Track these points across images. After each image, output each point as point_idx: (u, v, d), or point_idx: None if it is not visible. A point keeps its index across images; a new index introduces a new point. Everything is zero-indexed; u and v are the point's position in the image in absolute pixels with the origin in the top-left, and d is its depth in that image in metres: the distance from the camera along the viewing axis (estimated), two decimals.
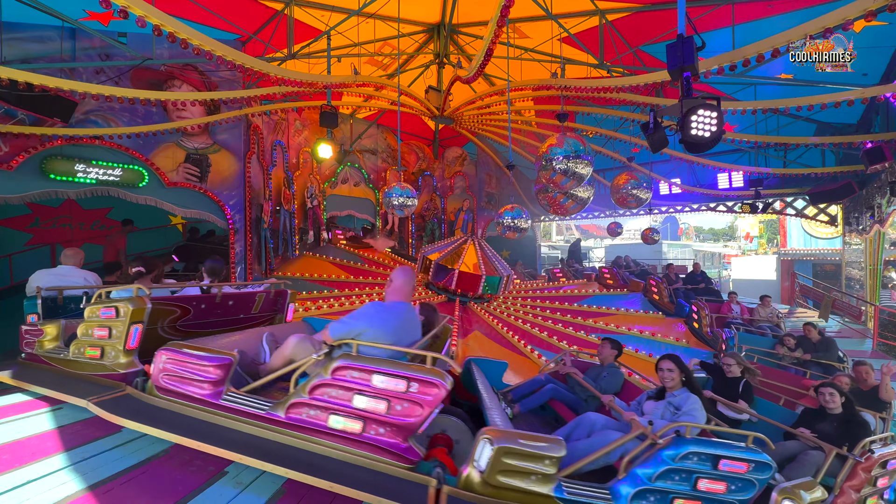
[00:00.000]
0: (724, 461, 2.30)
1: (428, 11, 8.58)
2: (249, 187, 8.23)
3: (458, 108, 9.95)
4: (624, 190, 8.99)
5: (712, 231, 41.65)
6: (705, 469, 2.30)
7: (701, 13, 6.39)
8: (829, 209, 12.02)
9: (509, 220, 7.99)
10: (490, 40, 5.49)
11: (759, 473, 2.32)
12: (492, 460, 2.15)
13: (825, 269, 19.95)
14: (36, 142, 6.25)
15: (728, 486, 2.29)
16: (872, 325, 9.83)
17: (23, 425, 2.86)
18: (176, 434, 2.45)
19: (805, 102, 6.07)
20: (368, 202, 12.29)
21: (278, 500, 2.32)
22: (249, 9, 7.07)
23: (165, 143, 7.37)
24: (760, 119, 9.54)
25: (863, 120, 9.42)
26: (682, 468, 2.31)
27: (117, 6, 3.83)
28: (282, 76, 6.12)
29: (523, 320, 8.46)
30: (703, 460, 2.30)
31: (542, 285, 11.94)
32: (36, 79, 4.97)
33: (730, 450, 2.32)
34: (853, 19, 3.80)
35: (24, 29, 6.03)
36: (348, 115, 11.31)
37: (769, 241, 26.65)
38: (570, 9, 7.09)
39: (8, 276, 7.97)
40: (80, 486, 2.24)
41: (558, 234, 37.33)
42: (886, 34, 6.50)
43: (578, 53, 8.10)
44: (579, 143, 6.47)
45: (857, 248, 11.39)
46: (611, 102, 7.84)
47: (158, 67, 7.06)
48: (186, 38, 4.56)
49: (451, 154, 14.43)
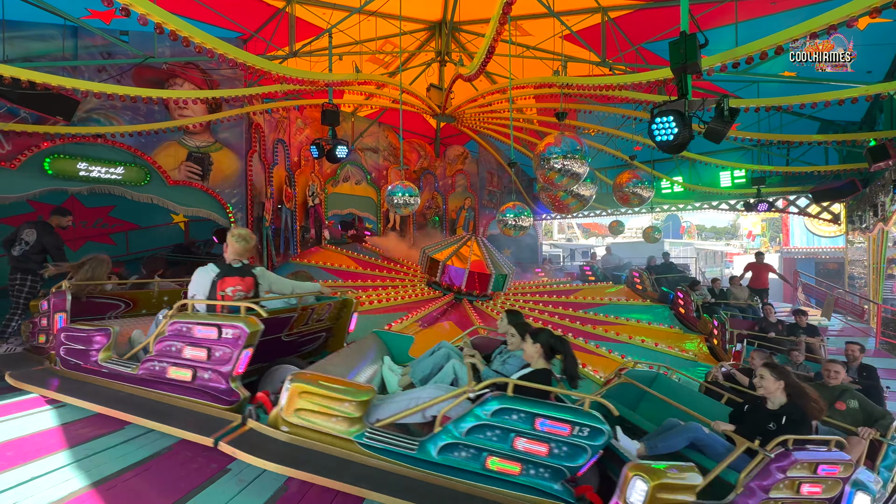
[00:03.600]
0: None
1: (429, 9, 8.55)
2: (251, 185, 8.23)
3: (459, 107, 9.93)
4: (626, 188, 8.96)
5: (714, 229, 41.54)
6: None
7: (704, 10, 6.36)
8: (832, 207, 11.95)
9: (511, 218, 7.98)
10: (492, 38, 5.47)
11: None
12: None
13: (828, 267, 19.88)
14: (38, 140, 6.25)
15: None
16: (875, 324, 9.80)
17: (26, 422, 2.87)
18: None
19: (808, 100, 6.05)
20: (370, 200, 12.29)
21: (280, 498, 2.33)
22: (251, 7, 7.07)
23: (167, 142, 7.37)
24: (763, 117, 9.49)
25: (866, 118, 9.37)
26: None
27: (119, 4, 3.83)
28: (283, 74, 6.11)
29: (535, 318, 8.47)
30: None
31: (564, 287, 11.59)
32: (38, 77, 4.97)
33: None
34: (857, 16, 3.77)
35: (26, 27, 6.03)
36: (350, 114, 11.30)
37: (772, 239, 26.58)
38: (572, 6, 7.06)
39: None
40: (84, 482, 2.25)
41: (560, 233, 37.26)
42: (890, 31, 6.46)
43: (580, 51, 8.07)
44: (576, 142, 6.47)
45: (861, 246, 11.31)
46: (613, 100, 7.80)
47: (160, 66, 7.06)
48: (188, 36, 4.56)
49: (452, 152, 14.41)
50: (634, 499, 2.13)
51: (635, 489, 2.14)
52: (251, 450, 2.40)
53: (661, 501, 2.13)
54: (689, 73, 3.90)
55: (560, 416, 2.30)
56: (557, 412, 2.31)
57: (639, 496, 2.12)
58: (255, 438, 2.52)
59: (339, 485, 2.25)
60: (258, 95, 7.34)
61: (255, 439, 2.51)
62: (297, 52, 6.98)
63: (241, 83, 7.78)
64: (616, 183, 9.22)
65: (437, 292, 9.03)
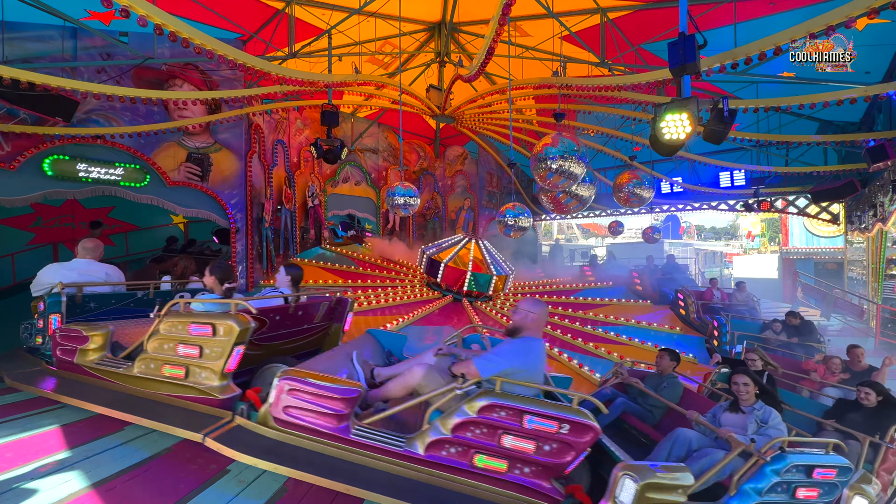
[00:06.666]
0: (818, 470, 2.46)
1: (429, 10, 8.56)
2: (251, 186, 8.23)
3: (459, 107, 9.94)
4: (626, 189, 8.97)
5: (714, 230, 41.54)
6: (802, 479, 2.43)
7: (703, 11, 6.37)
8: (831, 207, 11.97)
9: (510, 218, 7.98)
10: (491, 39, 5.48)
11: (842, 476, 2.48)
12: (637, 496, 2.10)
13: (827, 267, 19.86)
14: (38, 141, 6.25)
15: (819, 492, 2.45)
16: (874, 324, 9.81)
17: (25, 424, 2.87)
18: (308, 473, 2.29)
19: (807, 100, 6.05)
20: (369, 201, 12.30)
21: (280, 499, 2.33)
22: (250, 8, 7.07)
23: (167, 143, 7.37)
24: (762, 117, 9.51)
25: (865, 118, 9.39)
26: (785, 481, 2.42)
27: (119, 6, 3.83)
28: (283, 75, 6.12)
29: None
30: (800, 471, 2.44)
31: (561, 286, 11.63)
32: (38, 78, 4.98)
33: (822, 458, 2.48)
34: (856, 17, 3.78)
35: (25, 28, 6.03)
36: (349, 114, 11.31)
37: (771, 239, 26.59)
38: (571, 7, 7.08)
39: (10, 276, 7.99)
40: (83, 483, 2.24)
41: (559, 233, 37.26)
42: (889, 32, 6.48)
43: (580, 52, 8.08)
44: (573, 143, 6.47)
45: (860, 246, 11.31)
46: (612, 101, 7.82)
47: (159, 67, 7.06)
48: (188, 37, 4.56)
49: (452, 153, 14.42)
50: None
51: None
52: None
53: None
54: (688, 73, 3.90)
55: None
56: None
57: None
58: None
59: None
60: (258, 96, 7.34)
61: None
62: (297, 52, 6.99)
63: (240, 84, 7.78)
64: (616, 183, 9.23)
65: (437, 293, 9.03)
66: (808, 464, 2.44)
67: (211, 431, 2.50)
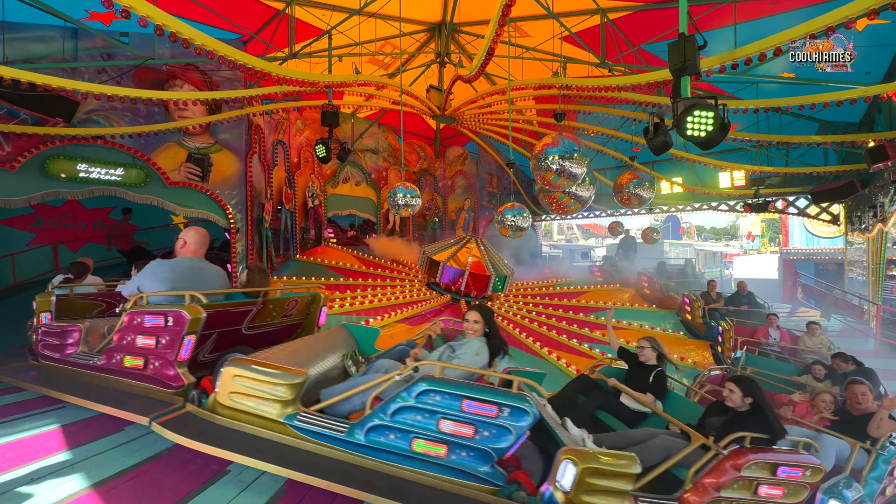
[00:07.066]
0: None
1: (429, 10, 8.57)
2: (251, 187, 8.24)
3: (459, 108, 9.94)
4: (627, 189, 8.97)
5: (714, 230, 41.55)
6: (450, 410, 2.29)
7: (703, 12, 6.37)
8: (831, 208, 11.96)
9: (509, 218, 7.98)
10: (491, 39, 5.48)
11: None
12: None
13: (827, 267, 19.87)
14: (38, 142, 6.26)
15: (477, 430, 2.27)
16: (875, 325, 9.81)
17: (26, 424, 2.87)
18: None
19: (807, 101, 6.05)
20: (370, 201, 12.30)
21: (279, 500, 2.33)
22: (251, 8, 7.08)
23: (167, 143, 7.38)
24: (762, 118, 9.51)
25: (865, 119, 9.38)
26: (421, 406, 2.32)
27: (119, 6, 3.84)
28: (283, 76, 6.12)
29: (530, 319, 8.49)
30: (448, 400, 2.30)
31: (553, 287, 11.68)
32: (38, 78, 4.98)
33: (474, 391, 2.31)
34: (855, 18, 3.78)
35: (26, 29, 6.04)
36: (349, 115, 11.31)
37: (771, 240, 26.60)
38: (571, 7, 7.08)
39: (11, 276, 8.00)
40: (83, 484, 2.25)
41: (560, 234, 37.27)
42: (889, 32, 6.47)
43: (580, 52, 8.08)
44: (574, 143, 6.46)
45: (860, 247, 11.31)
46: (612, 101, 7.82)
47: (160, 67, 7.06)
48: (189, 38, 4.56)
49: (452, 153, 14.43)
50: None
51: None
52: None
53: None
54: (687, 74, 3.90)
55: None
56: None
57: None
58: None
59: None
60: (258, 97, 7.34)
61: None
62: (297, 53, 6.99)
63: (240, 84, 7.78)
64: (616, 184, 9.23)
65: (436, 293, 9.04)
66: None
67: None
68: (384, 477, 2.28)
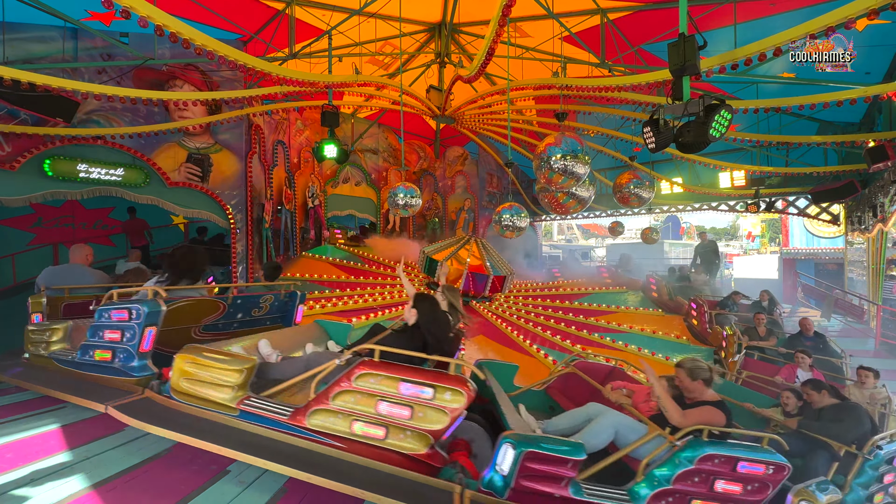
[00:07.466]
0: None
1: (429, 11, 8.57)
2: (251, 187, 8.24)
3: (459, 108, 9.94)
4: (626, 189, 8.97)
5: (714, 230, 41.53)
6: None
7: (703, 12, 6.37)
8: (831, 208, 11.96)
9: (507, 218, 7.97)
10: (491, 39, 5.48)
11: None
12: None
13: (827, 267, 19.86)
14: (38, 142, 6.26)
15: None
16: (875, 325, 9.81)
17: (26, 424, 2.87)
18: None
19: (807, 101, 6.05)
20: (370, 202, 12.30)
21: (280, 499, 2.33)
22: (251, 8, 7.08)
23: (167, 143, 7.38)
24: (762, 118, 9.51)
25: (865, 119, 9.38)
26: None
27: (119, 7, 3.84)
28: (283, 76, 6.12)
29: (526, 319, 8.49)
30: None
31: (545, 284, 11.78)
32: (38, 79, 4.98)
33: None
34: (855, 18, 3.77)
35: (26, 29, 6.04)
36: (349, 115, 11.31)
37: (771, 240, 26.59)
38: (571, 7, 7.08)
39: (11, 276, 8.00)
40: (84, 484, 2.24)
41: (560, 234, 37.27)
42: (889, 32, 6.47)
43: (580, 52, 8.08)
44: (577, 143, 6.46)
45: (860, 247, 11.31)
46: (612, 102, 7.82)
47: (160, 67, 7.07)
48: (189, 38, 4.56)
49: (452, 153, 14.43)
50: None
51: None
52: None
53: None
54: (687, 74, 3.90)
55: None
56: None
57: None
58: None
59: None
60: (258, 97, 7.35)
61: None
62: (297, 53, 6.99)
63: (240, 85, 7.79)
64: (616, 184, 9.23)
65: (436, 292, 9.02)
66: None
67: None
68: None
